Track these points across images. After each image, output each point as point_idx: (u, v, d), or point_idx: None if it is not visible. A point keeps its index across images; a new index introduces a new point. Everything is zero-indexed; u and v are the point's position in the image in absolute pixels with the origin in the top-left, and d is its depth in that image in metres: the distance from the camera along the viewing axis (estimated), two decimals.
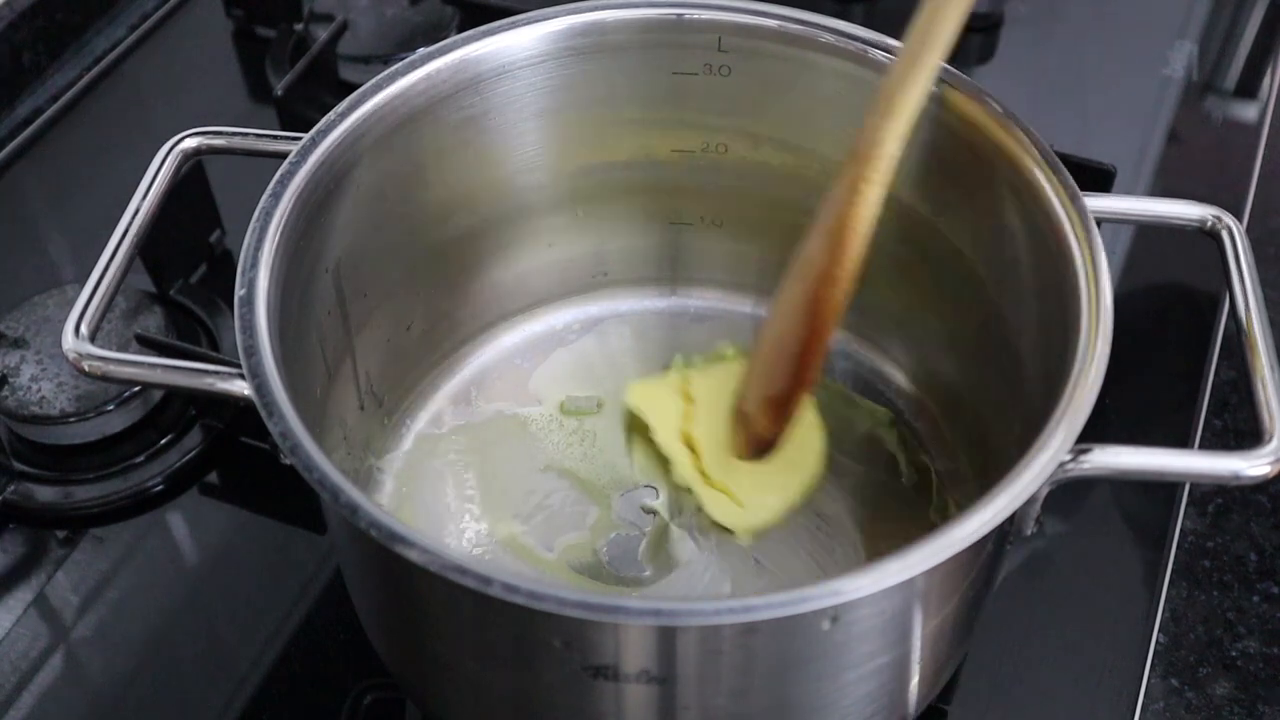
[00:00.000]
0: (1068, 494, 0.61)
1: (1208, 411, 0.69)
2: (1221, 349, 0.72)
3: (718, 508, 0.62)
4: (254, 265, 0.51)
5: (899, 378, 0.67)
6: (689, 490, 0.63)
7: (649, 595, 0.60)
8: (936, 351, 0.65)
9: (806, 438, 0.63)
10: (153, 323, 0.69)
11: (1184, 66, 0.88)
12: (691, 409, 0.64)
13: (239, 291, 0.50)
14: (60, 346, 0.51)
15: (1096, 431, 0.47)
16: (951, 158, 0.58)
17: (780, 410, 0.60)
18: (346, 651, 0.60)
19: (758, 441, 0.61)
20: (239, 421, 0.68)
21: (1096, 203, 0.54)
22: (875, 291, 0.66)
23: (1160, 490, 0.66)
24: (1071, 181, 0.54)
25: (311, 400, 0.55)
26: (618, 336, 0.70)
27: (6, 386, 0.67)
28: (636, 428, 0.65)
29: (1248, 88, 0.87)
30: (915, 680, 0.52)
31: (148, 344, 0.68)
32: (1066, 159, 0.55)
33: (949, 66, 0.58)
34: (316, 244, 0.55)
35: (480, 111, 0.61)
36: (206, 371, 0.50)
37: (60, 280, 0.75)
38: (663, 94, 0.63)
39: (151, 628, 0.62)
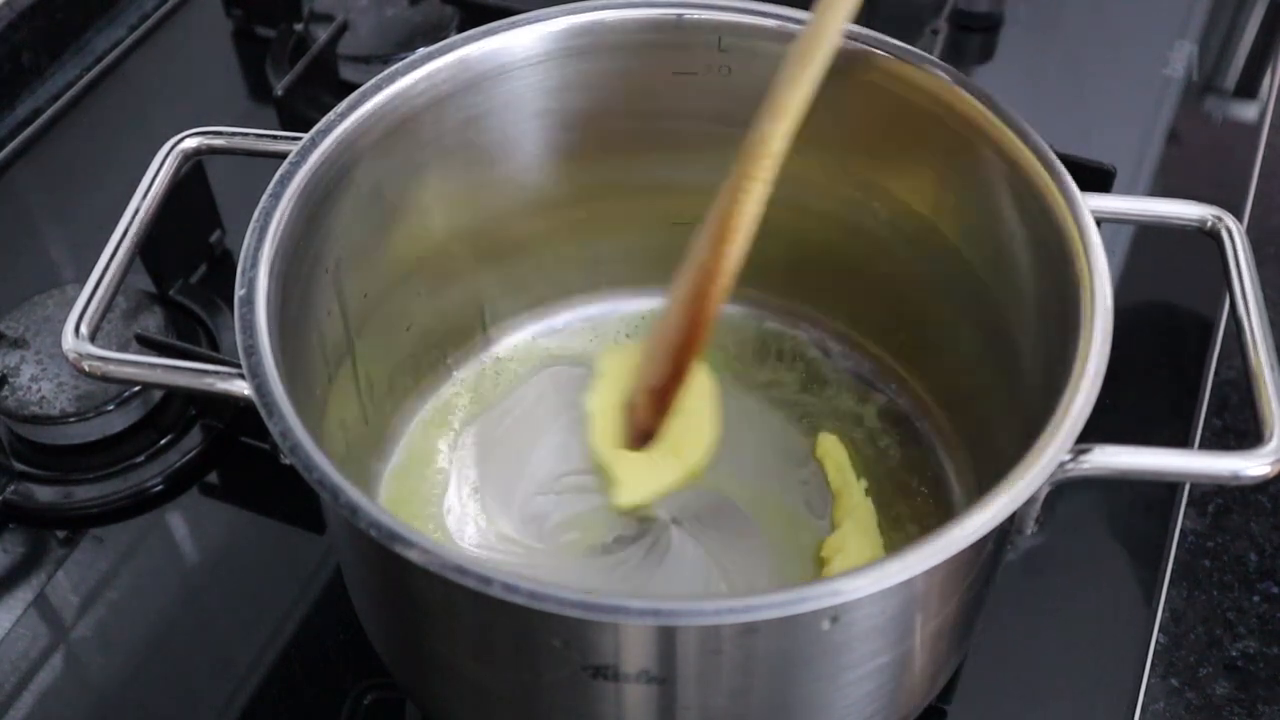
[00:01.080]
0: (1068, 494, 0.61)
1: (1208, 411, 0.69)
2: (1221, 349, 0.72)
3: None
4: (254, 265, 0.51)
5: (898, 377, 0.67)
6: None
7: (649, 595, 0.60)
8: (936, 351, 0.65)
9: (694, 427, 0.64)
10: (153, 323, 0.69)
11: (1184, 66, 0.88)
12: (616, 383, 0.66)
13: (239, 291, 0.50)
14: (60, 346, 0.51)
15: (1096, 431, 0.47)
16: (952, 158, 0.58)
17: (658, 402, 0.61)
18: (346, 651, 0.60)
19: (637, 432, 0.62)
20: (239, 421, 0.68)
21: (1096, 203, 0.54)
22: (875, 291, 0.66)
23: (1160, 490, 0.66)
24: (1071, 181, 0.54)
25: (311, 400, 0.55)
26: (618, 336, 0.70)
27: (6, 386, 0.67)
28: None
29: (1248, 88, 0.87)
30: (915, 680, 0.52)
31: (148, 344, 0.68)
32: (1066, 159, 0.55)
33: (948, 66, 0.58)
34: (316, 244, 0.55)
35: (480, 111, 0.61)
36: (206, 371, 0.50)
37: (60, 280, 0.75)
38: (663, 94, 0.63)
39: (151, 628, 0.62)
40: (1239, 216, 0.70)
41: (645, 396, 0.62)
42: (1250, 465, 0.48)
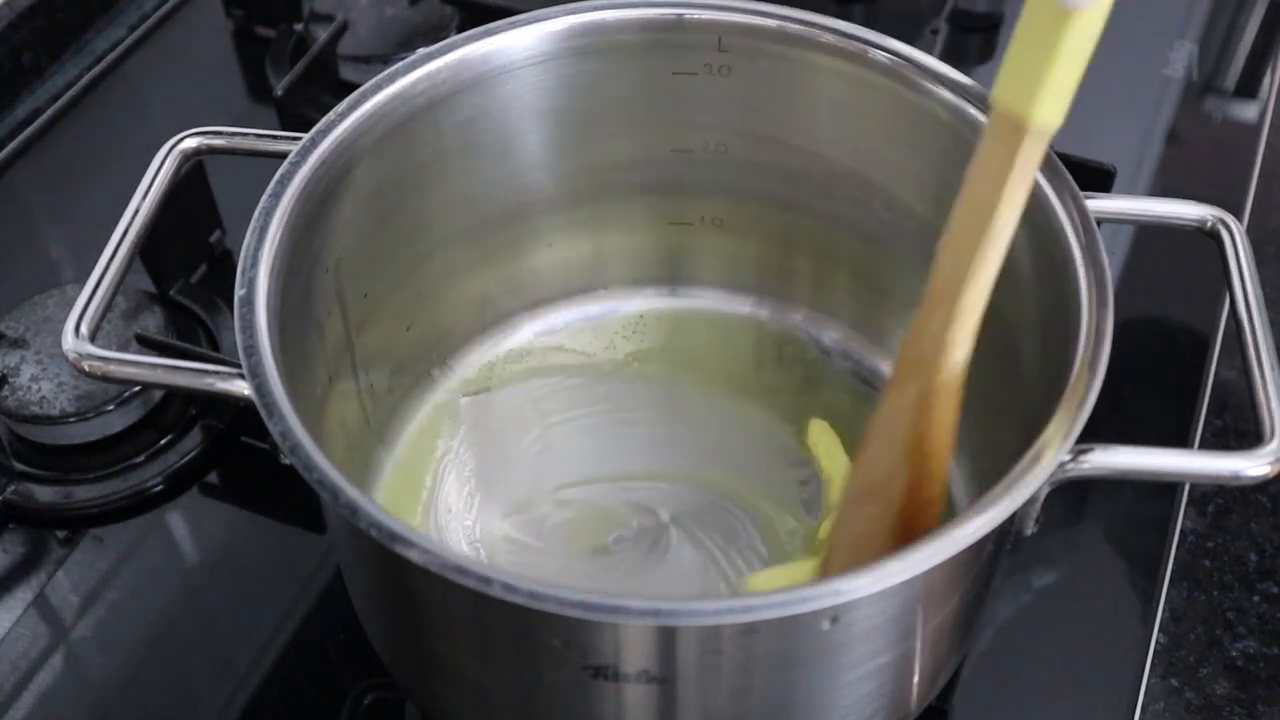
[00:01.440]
0: (1068, 494, 0.61)
1: (1208, 411, 0.69)
2: (1221, 349, 0.72)
3: None
4: (254, 265, 0.51)
5: None
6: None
7: (649, 595, 0.60)
8: None
9: None
10: (153, 323, 0.69)
11: (1184, 66, 0.87)
12: None
13: (239, 291, 0.50)
14: (60, 346, 0.51)
15: (1096, 431, 0.47)
16: (952, 158, 0.58)
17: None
18: (346, 651, 0.60)
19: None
20: (239, 421, 0.68)
21: (1096, 203, 0.54)
22: (876, 291, 0.66)
23: (1160, 490, 0.66)
24: (1071, 181, 0.54)
25: (311, 400, 0.55)
26: (617, 337, 0.70)
27: (6, 386, 0.67)
28: None
29: (1248, 88, 0.87)
30: (915, 680, 0.52)
31: (148, 344, 0.68)
32: (1066, 159, 0.55)
33: (948, 66, 0.58)
34: (316, 244, 0.55)
35: (480, 111, 0.61)
36: (206, 371, 0.50)
37: (60, 280, 0.75)
38: (663, 94, 0.63)
39: (151, 628, 0.62)
40: (1239, 216, 0.70)
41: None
42: (1250, 465, 0.48)
